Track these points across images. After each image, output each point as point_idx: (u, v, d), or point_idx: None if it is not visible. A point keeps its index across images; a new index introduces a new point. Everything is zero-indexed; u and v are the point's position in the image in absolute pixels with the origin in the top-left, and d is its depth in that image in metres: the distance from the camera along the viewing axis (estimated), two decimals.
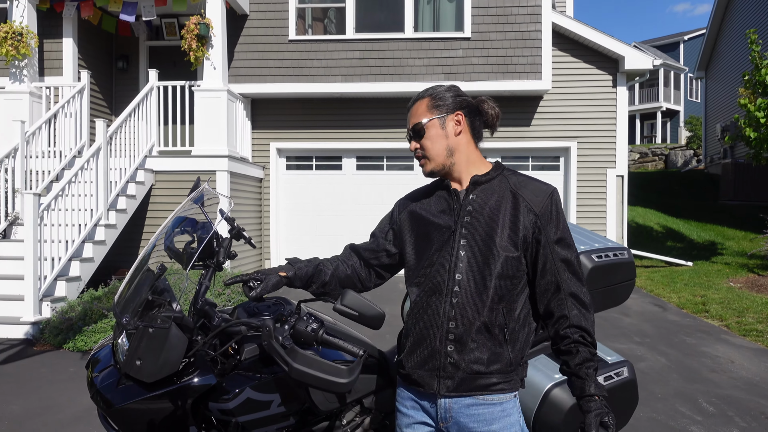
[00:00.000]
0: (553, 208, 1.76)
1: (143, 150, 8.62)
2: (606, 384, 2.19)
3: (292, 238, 10.53)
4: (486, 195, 1.77)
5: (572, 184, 10.04)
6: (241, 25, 9.94)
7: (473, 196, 1.78)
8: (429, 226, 1.82)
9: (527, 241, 1.73)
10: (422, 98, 1.82)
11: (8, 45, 8.61)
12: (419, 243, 1.84)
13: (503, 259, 1.70)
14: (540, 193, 1.77)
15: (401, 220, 1.92)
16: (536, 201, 1.75)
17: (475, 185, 1.80)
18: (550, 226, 1.74)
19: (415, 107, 1.83)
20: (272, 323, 1.74)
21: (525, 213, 1.73)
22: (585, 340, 1.72)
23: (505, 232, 1.72)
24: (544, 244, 1.74)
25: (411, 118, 1.83)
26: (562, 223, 1.77)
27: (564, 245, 1.76)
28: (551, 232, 1.74)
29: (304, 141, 10.43)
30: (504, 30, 9.59)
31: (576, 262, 1.77)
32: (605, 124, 10.06)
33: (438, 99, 1.80)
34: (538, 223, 1.73)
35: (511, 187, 1.78)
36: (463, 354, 1.70)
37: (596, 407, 1.65)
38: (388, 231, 1.97)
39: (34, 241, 6.26)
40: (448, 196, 1.83)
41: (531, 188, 1.78)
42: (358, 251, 2.01)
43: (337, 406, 2.04)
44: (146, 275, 1.86)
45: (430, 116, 1.78)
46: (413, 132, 1.81)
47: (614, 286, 2.47)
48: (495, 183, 1.80)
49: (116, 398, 1.78)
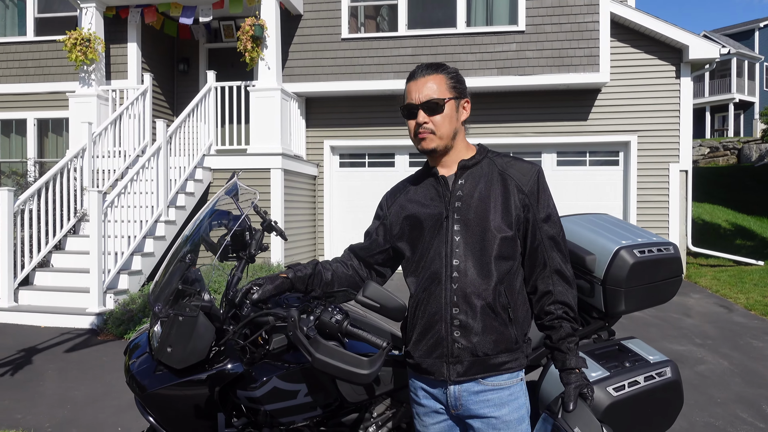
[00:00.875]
0: (540, 186, 1.79)
1: (202, 149, 8.91)
2: (646, 384, 2.11)
3: (345, 235, 10.64)
4: (475, 179, 1.79)
5: (632, 179, 9.68)
6: (295, 25, 10.11)
7: (462, 181, 1.79)
8: (420, 216, 1.82)
9: (520, 221, 1.76)
10: (438, 73, 1.78)
11: (77, 51, 9.08)
12: (412, 234, 1.84)
13: (500, 241, 1.73)
14: (527, 172, 1.79)
15: (391, 214, 1.93)
16: (524, 180, 1.78)
17: (463, 170, 1.81)
18: (539, 204, 1.78)
19: (428, 80, 1.77)
20: (297, 314, 1.76)
21: (515, 192, 1.76)
22: (568, 315, 1.77)
23: (498, 214, 1.74)
24: (533, 222, 1.77)
25: (422, 89, 1.76)
26: (549, 200, 1.81)
27: (551, 223, 1.79)
28: (539, 210, 1.78)
29: (357, 138, 10.51)
30: (560, 22, 9.35)
31: (562, 240, 1.81)
32: (668, 116, 9.65)
33: (457, 80, 1.80)
34: (527, 201, 1.76)
35: (498, 168, 1.80)
36: (470, 338, 1.72)
37: (575, 379, 1.71)
38: (378, 226, 1.97)
39: (99, 237, 6.58)
40: (436, 183, 1.83)
41: (518, 168, 1.80)
42: (355, 252, 2.03)
43: (366, 398, 2.04)
44: (178, 266, 1.93)
45: (449, 95, 1.77)
46: (427, 106, 1.75)
47: (658, 282, 2.37)
48: (483, 166, 1.82)
49: (148, 383, 1.85)
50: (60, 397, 4.50)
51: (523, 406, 1.78)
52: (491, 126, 10.01)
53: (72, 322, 6.55)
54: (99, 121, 9.27)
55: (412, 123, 1.78)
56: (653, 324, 6.68)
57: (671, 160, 9.64)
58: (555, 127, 9.87)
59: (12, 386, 4.73)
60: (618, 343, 2.35)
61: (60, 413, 4.19)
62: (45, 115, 10.56)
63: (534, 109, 9.93)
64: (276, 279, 1.89)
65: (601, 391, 2.03)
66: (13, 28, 10.78)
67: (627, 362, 2.19)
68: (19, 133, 10.80)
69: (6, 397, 4.50)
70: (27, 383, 4.80)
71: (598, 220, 2.53)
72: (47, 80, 10.46)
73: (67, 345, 5.85)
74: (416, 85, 1.76)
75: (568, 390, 1.71)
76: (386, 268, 2.01)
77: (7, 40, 10.63)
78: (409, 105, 1.78)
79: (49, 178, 7.39)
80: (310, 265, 1.97)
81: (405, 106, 1.79)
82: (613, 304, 2.28)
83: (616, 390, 2.06)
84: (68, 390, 4.64)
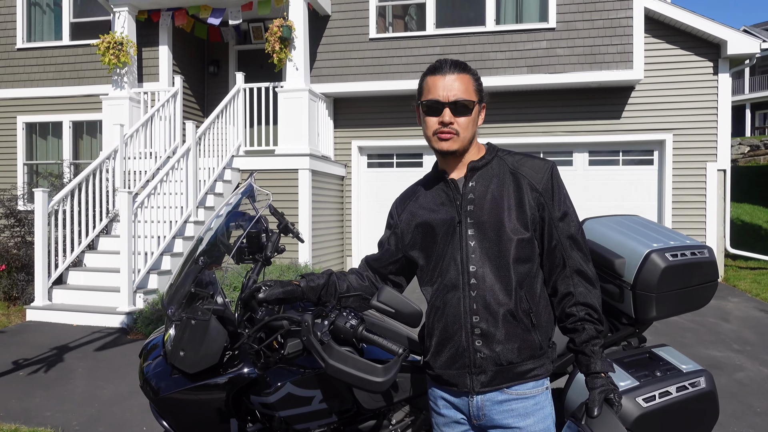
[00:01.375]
0: (554, 183, 1.70)
1: (231, 150, 8.98)
2: (678, 395, 2.01)
3: (373, 235, 10.60)
4: (486, 180, 1.71)
5: (667, 179, 9.41)
6: (323, 26, 10.11)
7: (473, 183, 1.72)
8: (431, 222, 1.75)
9: (535, 220, 1.68)
10: (465, 73, 1.69)
11: (110, 54, 9.24)
12: (425, 241, 1.77)
13: (516, 243, 1.65)
14: (539, 169, 1.71)
15: (401, 222, 1.86)
16: (537, 178, 1.69)
17: (473, 171, 1.73)
18: (554, 202, 1.69)
19: (457, 78, 1.67)
20: (311, 318, 1.72)
21: (528, 192, 1.68)
22: (591, 317, 1.68)
23: (513, 215, 1.66)
24: (548, 221, 1.69)
25: (452, 86, 1.66)
26: (565, 197, 1.72)
27: (568, 221, 1.71)
28: (555, 209, 1.69)
29: (385, 139, 10.46)
30: (592, 18, 9.14)
31: (581, 238, 1.72)
32: (705, 114, 9.35)
33: (480, 84, 1.74)
34: (542, 200, 1.68)
35: (509, 167, 1.73)
36: (493, 346, 1.65)
37: (601, 384, 1.62)
38: (390, 236, 1.91)
39: (129, 237, 6.68)
40: (446, 187, 1.76)
41: (530, 166, 1.72)
42: (369, 263, 1.97)
43: (384, 404, 1.99)
44: (192, 268, 1.90)
45: (476, 98, 1.70)
46: (457, 106, 1.66)
47: (691, 288, 2.26)
48: (493, 166, 1.74)
49: (161, 388, 1.82)
50: (88, 395, 4.56)
51: (549, 416, 1.72)
52: (521, 125, 9.85)
53: (103, 320, 6.66)
54: (131, 123, 9.42)
55: (433, 120, 1.68)
56: (689, 328, 6.47)
57: (708, 159, 9.34)
58: (587, 126, 9.66)
59: (43, 384, 4.81)
60: (648, 350, 2.25)
61: (88, 411, 4.24)
62: (80, 118, 10.79)
63: (565, 107, 9.74)
64: (287, 284, 1.85)
65: (630, 401, 1.94)
66: (50, 33, 11.04)
67: (658, 371, 2.09)
68: (56, 136, 11.06)
69: (37, 394, 4.58)
70: (57, 381, 4.88)
71: (628, 222, 2.42)
72: (82, 83, 10.69)
73: (98, 344, 5.94)
74: (443, 81, 1.66)
75: (592, 395, 1.62)
76: (401, 278, 1.95)
77: (44, 45, 10.90)
78: (433, 101, 1.67)
79: (82, 179, 7.54)
80: (323, 276, 1.91)
81: (428, 102, 1.68)
82: (644, 310, 2.18)
83: (646, 401, 1.97)
84: (97, 388, 4.70)
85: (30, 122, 11.06)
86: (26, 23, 11.05)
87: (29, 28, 11.09)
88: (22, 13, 10.99)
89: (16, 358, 5.48)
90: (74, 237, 7.47)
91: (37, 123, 11.07)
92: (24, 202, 9.26)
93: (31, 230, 7.75)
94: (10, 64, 11.06)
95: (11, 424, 3.99)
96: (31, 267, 7.40)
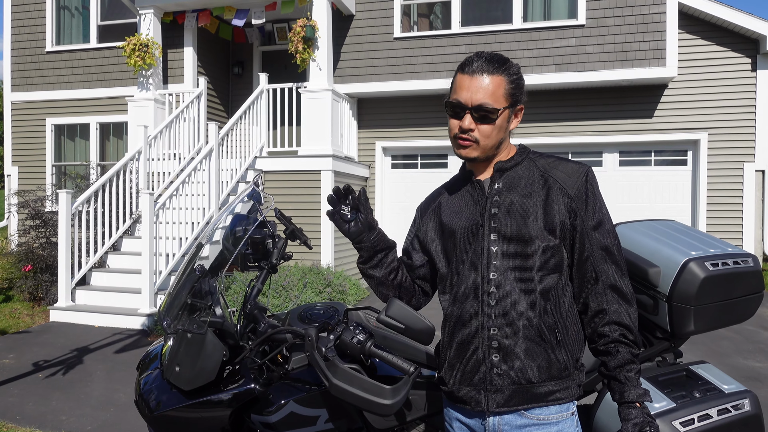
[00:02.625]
0: (589, 189, 1.54)
1: (254, 151, 8.93)
2: (719, 418, 1.83)
3: (396, 237, 10.41)
4: (513, 182, 1.56)
5: (701, 180, 9.06)
6: (347, 26, 10.01)
7: (499, 185, 1.57)
8: (453, 225, 1.61)
9: (565, 228, 1.52)
10: (497, 73, 1.50)
11: (136, 56, 9.29)
12: (446, 245, 1.63)
13: (542, 250, 1.50)
14: (573, 173, 1.55)
15: (425, 225, 1.72)
16: (570, 182, 1.53)
17: (500, 172, 1.58)
18: (587, 209, 1.53)
19: (486, 80, 1.50)
20: (316, 332, 1.59)
21: (559, 196, 1.52)
22: (626, 338, 1.51)
23: (540, 220, 1.51)
24: (581, 230, 1.53)
25: (478, 90, 1.49)
26: (600, 205, 1.55)
27: (603, 231, 1.54)
28: (588, 217, 1.53)
29: (410, 139, 10.31)
30: (623, 14, 8.85)
31: (617, 250, 1.55)
32: (743, 112, 8.98)
33: (515, 86, 1.54)
34: (574, 206, 1.52)
35: (540, 170, 1.57)
36: (511, 362, 1.49)
37: (635, 416, 1.45)
38: (413, 240, 1.77)
39: (150, 238, 6.66)
40: (471, 189, 1.61)
41: (563, 169, 1.56)
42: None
43: (396, 424, 1.85)
44: (190, 276, 1.78)
45: (505, 104, 1.52)
46: (479, 112, 1.50)
47: (734, 300, 2.07)
48: (522, 168, 1.58)
49: (155, 405, 1.71)
50: (105, 399, 4.51)
51: None
52: (549, 125, 9.61)
53: (124, 322, 6.65)
54: (156, 124, 9.45)
55: (455, 123, 1.54)
56: (725, 337, 6.18)
57: (746, 160, 8.97)
58: (617, 126, 9.36)
59: (61, 386, 4.79)
60: (686, 368, 2.06)
61: (103, 416, 4.19)
62: (106, 120, 10.88)
63: (595, 106, 9.46)
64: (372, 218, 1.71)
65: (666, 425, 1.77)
66: (78, 36, 11.17)
67: (696, 392, 1.91)
68: (83, 137, 11.18)
69: (54, 397, 4.55)
70: (76, 383, 4.85)
71: (663, 228, 2.24)
72: (108, 85, 10.78)
73: (118, 346, 5.92)
74: (471, 81, 1.50)
75: (625, 427, 1.46)
76: (428, 285, 1.81)
77: (72, 47, 11.03)
78: (456, 103, 1.52)
79: (106, 180, 7.55)
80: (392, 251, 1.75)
81: (451, 102, 1.53)
82: (681, 324, 2.01)
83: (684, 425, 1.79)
84: (114, 392, 4.66)
85: (58, 124, 11.20)
86: (55, 26, 11.20)
87: (58, 31, 11.24)
88: (51, 17, 11.14)
89: (37, 359, 5.48)
90: (98, 238, 7.49)
91: (66, 125, 11.20)
92: (52, 204, 9.35)
93: (55, 231, 7.80)
94: (40, 67, 11.22)
95: (26, 427, 3.96)
96: (55, 268, 7.44)
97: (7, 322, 6.73)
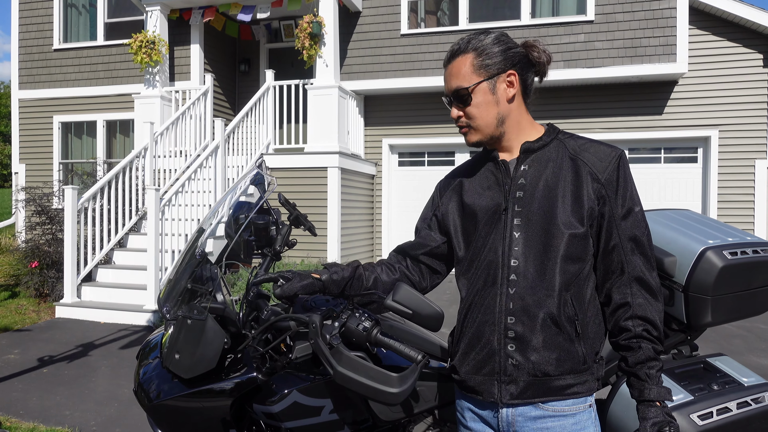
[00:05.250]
0: (620, 174, 1.46)
1: (260, 148, 8.90)
2: (739, 412, 1.76)
3: (403, 234, 10.40)
4: (540, 164, 1.49)
5: (712, 177, 8.95)
6: (354, 23, 9.96)
7: (525, 167, 1.50)
8: (475, 207, 1.54)
9: (593, 215, 1.44)
10: (463, 53, 1.49)
11: (142, 53, 9.27)
12: (466, 227, 1.56)
13: (567, 238, 1.42)
14: (605, 157, 1.47)
15: (444, 204, 1.65)
16: (601, 167, 1.46)
17: (526, 153, 1.51)
18: (617, 196, 1.45)
19: (455, 65, 1.50)
20: (320, 320, 1.53)
21: (589, 181, 1.44)
22: (649, 334, 1.44)
23: (567, 206, 1.43)
24: (609, 218, 1.45)
25: (450, 78, 1.51)
26: (632, 193, 1.48)
27: (634, 220, 1.46)
28: (618, 204, 1.45)
29: (416, 136, 10.25)
30: (632, 10, 8.76)
31: (646, 241, 1.47)
32: (754, 109, 8.87)
33: (485, 56, 1.48)
34: (603, 192, 1.44)
35: (569, 152, 1.49)
36: (527, 354, 1.43)
37: (654, 415, 1.39)
38: (431, 218, 1.69)
39: (155, 234, 6.63)
40: (495, 169, 1.54)
41: (594, 152, 1.48)
42: (405, 251, 1.75)
43: (404, 416, 1.79)
44: (191, 261, 1.73)
45: (478, 78, 1.48)
46: (454, 97, 1.50)
47: (753, 290, 2.00)
48: (550, 149, 1.51)
49: (155, 394, 1.66)
50: (109, 394, 4.48)
51: None
52: (558, 122, 9.51)
53: (130, 318, 6.62)
54: (162, 121, 9.43)
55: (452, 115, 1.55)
56: (736, 335, 6.08)
57: (757, 156, 8.86)
58: (626, 122, 9.27)
59: (66, 381, 4.76)
60: (703, 360, 1.99)
61: (106, 411, 4.15)
62: (113, 117, 10.89)
63: (604, 103, 9.37)
64: (306, 277, 1.65)
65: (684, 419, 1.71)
66: (85, 34, 11.18)
67: (715, 384, 1.84)
68: (90, 135, 11.19)
69: (58, 392, 4.52)
70: (80, 379, 4.82)
71: (679, 217, 2.17)
72: (115, 83, 10.78)
73: (123, 342, 5.89)
74: (446, 72, 1.53)
75: (643, 426, 1.39)
76: (441, 264, 1.72)
77: (80, 45, 11.04)
78: (444, 97, 1.56)
79: (112, 177, 7.53)
80: (349, 268, 1.70)
81: (443, 98, 1.57)
82: (698, 315, 1.94)
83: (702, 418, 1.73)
84: (118, 388, 4.62)
85: (65, 121, 11.22)
86: (63, 24, 11.21)
87: (65, 29, 11.25)
88: (58, 15, 11.15)
89: (42, 354, 5.46)
90: (104, 234, 7.48)
91: (73, 122, 11.22)
92: (58, 200, 9.35)
93: (62, 228, 7.79)
94: (48, 64, 11.24)
95: (30, 422, 3.93)
96: (61, 264, 7.43)
97: (13, 318, 6.72)
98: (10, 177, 21.29)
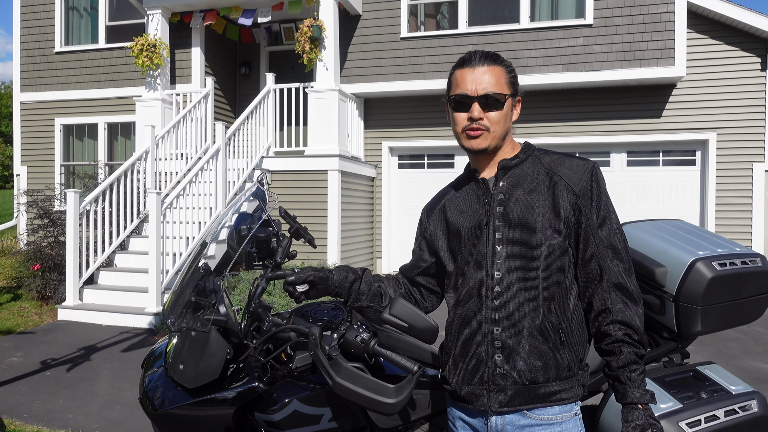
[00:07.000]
0: (594, 184, 1.53)
1: (260, 151, 8.95)
2: (727, 420, 1.82)
3: (403, 237, 10.45)
4: (518, 180, 1.56)
5: (710, 180, 9.00)
6: (354, 26, 10.01)
7: (504, 183, 1.57)
8: (459, 225, 1.61)
9: (570, 225, 1.51)
10: (497, 65, 1.56)
11: (144, 56, 9.33)
12: (452, 245, 1.64)
13: (547, 249, 1.49)
14: (579, 169, 1.55)
15: (431, 225, 1.73)
16: (575, 179, 1.53)
17: (504, 170, 1.59)
18: (592, 205, 1.53)
19: (491, 70, 1.55)
20: (319, 331, 1.59)
21: (564, 193, 1.52)
22: (630, 338, 1.49)
23: (545, 218, 1.51)
24: (585, 226, 1.52)
25: (482, 81, 1.53)
26: (606, 202, 1.55)
27: (609, 228, 1.53)
28: (593, 213, 1.52)
29: (416, 139, 10.30)
30: (631, 14, 8.81)
31: (623, 247, 1.54)
32: (752, 112, 8.91)
33: (513, 76, 1.59)
34: (579, 203, 1.52)
35: (545, 167, 1.57)
36: (514, 362, 1.49)
37: (636, 417, 1.44)
38: (421, 241, 1.77)
39: (157, 237, 6.68)
40: (476, 187, 1.61)
41: (568, 165, 1.56)
42: (404, 272, 1.84)
43: (400, 423, 1.84)
44: (194, 274, 1.79)
45: (509, 90, 1.56)
46: (487, 100, 1.53)
47: (742, 300, 2.05)
48: (526, 166, 1.59)
49: (159, 402, 1.71)
50: (111, 397, 4.53)
51: None
52: (556, 125, 9.57)
53: (132, 321, 6.67)
54: (163, 124, 9.48)
55: (462, 116, 1.56)
56: (733, 338, 6.13)
57: (755, 160, 8.90)
58: (625, 126, 9.32)
59: (68, 384, 4.81)
60: (693, 369, 2.05)
61: (109, 414, 4.21)
62: (114, 120, 10.94)
63: (602, 106, 9.41)
64: (320, 270, 1.73)
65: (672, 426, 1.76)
66: (86, 37, 11.23)
67: (703, 392, 1.89)
68: (91, 137, 11.24)
69: (61, 395, 4.57)
70: (82, 382, 4.87)
71: (670, 227, 2.23)
72: (117, 86, 10.83)
73: (125, 344, 5.94)
74: (473, 74, 1.54)
75: (625, 429, 1.45)
76: (436, 284, 1.80)
77: (81, 48, 11.08)
78: (462, 96, 1.55)
79: (113, 180, 7.58)
80: (359, 271, 1.78)
81: (456, 96, 1.56)
82: (688, 324, 2.00)
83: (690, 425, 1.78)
84: (120, 390, 4.67)
85: (67, 124, 11.26)
86: (64, 27, 11.26)
87: (67, 31, 11.30)
88: (60, 18, 11.20)
89: (44, 357, 5.51)
90: (105, 237, 7.53)
91: (74, 125, 11.27)
92: (60, 203, 9.40)
93: (64, 230, 7.84)
94: (49, 67, 11.29)
95: (34, 425, 3.98)
96: (63, 267, 7.48)
97: (16, 321, 6.77)
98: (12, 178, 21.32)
